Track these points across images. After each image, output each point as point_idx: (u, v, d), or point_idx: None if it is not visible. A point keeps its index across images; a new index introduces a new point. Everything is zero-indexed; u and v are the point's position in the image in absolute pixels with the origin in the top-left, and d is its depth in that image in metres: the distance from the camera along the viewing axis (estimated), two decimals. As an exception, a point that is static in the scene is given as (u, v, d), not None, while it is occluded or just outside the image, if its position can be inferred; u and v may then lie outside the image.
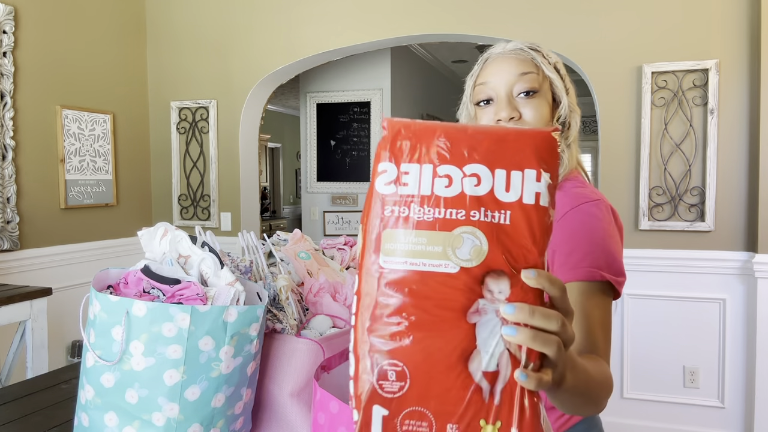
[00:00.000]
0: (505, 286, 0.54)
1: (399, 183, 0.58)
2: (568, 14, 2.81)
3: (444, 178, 0.57)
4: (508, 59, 0.99)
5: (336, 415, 0.97)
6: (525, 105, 0.98)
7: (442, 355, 0.54)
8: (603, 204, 0.93)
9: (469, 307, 0.54)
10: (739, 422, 2.64)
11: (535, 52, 1.00)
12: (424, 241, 0.56)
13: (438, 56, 5.97)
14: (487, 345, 0.54)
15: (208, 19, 3.48)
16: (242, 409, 1.11)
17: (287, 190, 9.73)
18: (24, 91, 2.84)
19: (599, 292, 0.87)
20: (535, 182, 0.56)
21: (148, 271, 1.07)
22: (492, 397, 0.54)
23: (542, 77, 0.98)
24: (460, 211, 0.56)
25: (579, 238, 0.89)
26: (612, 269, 0.87)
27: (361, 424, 0.56)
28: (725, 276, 2.63)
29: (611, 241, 0.90)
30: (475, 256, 0.55)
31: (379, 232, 0.57)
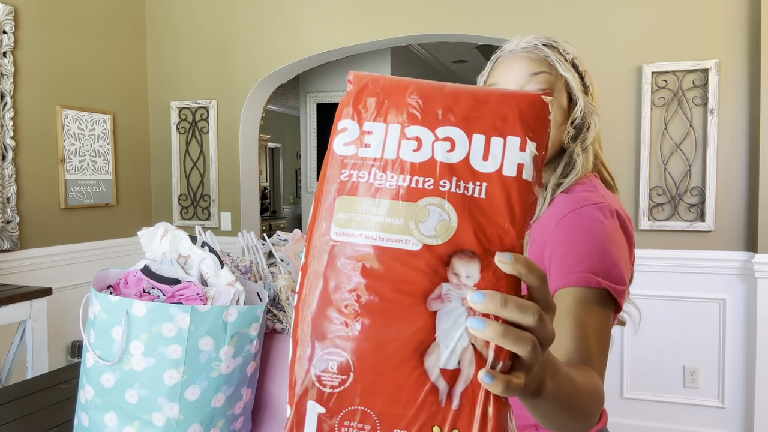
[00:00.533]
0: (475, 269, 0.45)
1: (360, 144, 0.50)
2: (568, 14, 2.81)
3: (412, 141, 0.49)
4: (519, 58, 0.94)
5: None
6: None
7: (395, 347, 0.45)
8: (606, 207, 0.87)
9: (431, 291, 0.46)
10: (739, 422, 2.64)
11: (550, 48, 0.94)
12: (383, 211, 0.47)
13: (438, 56, 5.97)
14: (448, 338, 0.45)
15: (208, 19, 3.47)
16: (242, 409, 1.11)
17: (287, 190, 9.73)
18: (24, 91, 2.84)
19: (596, 301, 0.79)
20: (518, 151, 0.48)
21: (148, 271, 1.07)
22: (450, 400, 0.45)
23: (556, 76, 0.93)
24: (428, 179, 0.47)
25: (576, 241, 0.82)
26: (611, 276, 0.80)
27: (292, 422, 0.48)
28: (725, 276, 2.63)
29: (612, 246, 0.83)
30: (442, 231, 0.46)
31: (334, 198, 0.49)
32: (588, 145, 0.95)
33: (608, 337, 0.79)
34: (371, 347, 0.46)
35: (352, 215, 0.48)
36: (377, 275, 0.46)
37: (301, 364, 0.48)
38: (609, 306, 0.80)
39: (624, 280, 0.82)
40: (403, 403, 0.45)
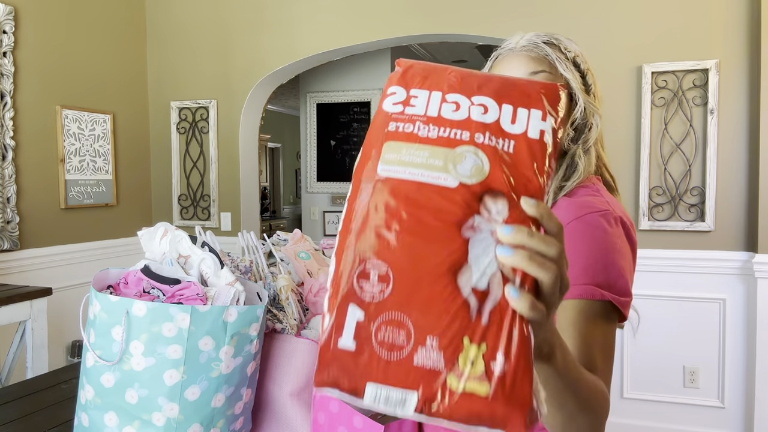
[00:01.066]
0: (504, 207, 0.51)
1: (407, 104, 0.57)
2: (568, 14, 2.81)
3: (452, 104, 0.56)
4: (519, 57, 0.92)
5: (336, 415, 0.97)
6: None
7: (431, 264, 0.50)
8: (611, 215, 0.84)
9: (465, 221, 0.51)
10: (739, 422, 2.64)
11: (551, 46, 0.92)
12: (425, 154, 0.54)
13: (438, 56, 5.97)
14: (479, 262, 0.50)
15: (208, 18, 3.48)
16: (242, 409, 1.11)
17: (287, 190, 9.73)
18: (24, 91, 2.84)
19: (599, 313, 0.78)
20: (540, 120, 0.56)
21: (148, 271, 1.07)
22: (480, 316, 0.49)
23: (556, 76, 0.90)
24: (465, 132, 0.55)
25: (580, 251, 0.80)
26: (615, 288, 0.79)
27: (332, 326, 0.51)
28: (725, 276, 2.63)
29: (616, 256, 0.81)
30: (476, 173, 0.53)
31: (382, 143, 0.55)
32: (590, 147, 0.92)
33: (612, 348, 0.79)
34: (410, 262, 0.50)
35: (397, 156, 0.54)
36: (418, 204, 0.52)
37: (345, 274, 0.52)
38: (612, 317, 0.80)
39: (628, 291, 0.81)
40: (436, 314, 0.49)
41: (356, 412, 0.94)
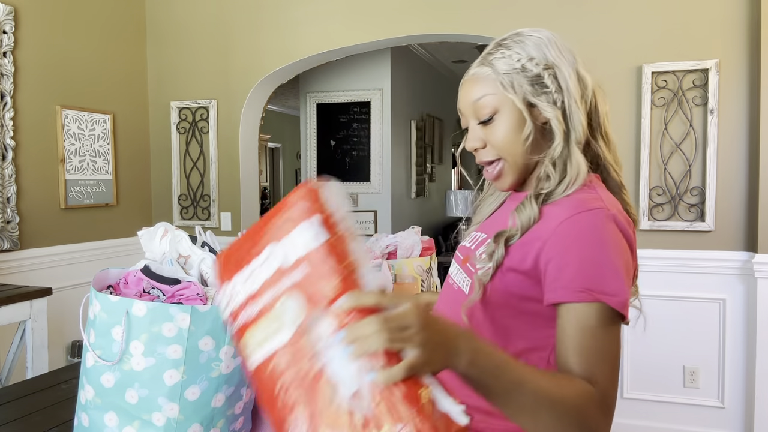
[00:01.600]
0: (330, 322, 0.61)
1: (233, 297, 0.70)
2: (568, 14, 2.81)
3: (250, 276, 0.67)
4: (468, 85, 0.93)
5: None
6: (487, 132, 0.91)
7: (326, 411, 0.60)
8: (604, 213, 0.82)
9: (313, 357, 0.62)
10: (739, 422, 2.64)
11: (491, 66, 0.90)
12: (265, 326, 0.65)
13: (438, 56, 5.97)
14: (342, 375, 0.59)
15: (208, 18, 3.48)
16: (242, 409, 1.11)
17: (287, 190, 9.72)
18: (24, 91, 2.84)
19: (595, 316, 0.77)
20: (309, 229, 0.64)
21: (148, 271, 1.07)
22: (369, 409, 0.58)
23: (501, 94, 0.88)
24: (272, 289, 0.65)
25: (572, 252, 0.79)
26: (609, 289, 0.77)
27: None
28: (725, 276, 2.63)
29: (609, 255, 0.79)
30: (298, 313, 0.62)
31: (239, 339, 0.68)
32: (563, 154, 0.87)
33: (612, 350, 0.78)
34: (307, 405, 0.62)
35: (253, 341, 0.67)
36: (280, 371, 0.64)
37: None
38: (609, 317, 0.78)
39: (623, 290, 0.79)
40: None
41: None
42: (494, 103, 0.89)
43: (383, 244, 1.79)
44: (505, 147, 0.90)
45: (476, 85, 0.91)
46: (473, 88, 0.92)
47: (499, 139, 0.90)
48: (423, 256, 1.78)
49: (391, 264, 1.70)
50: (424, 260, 1.75)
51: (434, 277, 1.82)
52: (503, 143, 0.90)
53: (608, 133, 0.93)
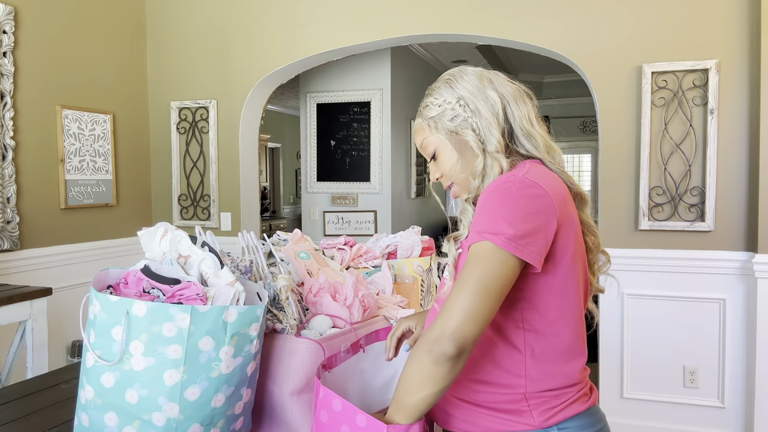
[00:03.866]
0: None
1: None
2: (568, 14, 2.81)
3: None
4: (414, 135, 1.17)
5: (339, 414, 0.97)
6: (435, 166, 1.13)
7: None
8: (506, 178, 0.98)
9: None
10: (739, 422, 2.64)
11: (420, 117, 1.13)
12: None
13: (438, 56, 5.97)
14: None
15: (208, 19, 3.48)
16: (242, 409, 1.11)
17: (287, 190, 9.73)
18: (24, 91, 2.84)
19: (480, 251, 0.92)
20: None
21: (148, 271, 1.07)
22: None
23: (435, 136, 1.10)
24: None
25: (478, 212, 0.97)
26: (494, 229, 0.92)
27: None
28: (725, 276, 2.63)
29: (501, 205, 0.94)
30: None
31: None
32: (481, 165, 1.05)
33: (478, 275, 0.91)
34: None
35: None
36: None
37: None
38: (494, 255, 0.91)
39: (504, 230, 0.91)
40: None
41: (359, 411, 0.94)
42: (432, 143, 1.11)
43: (383, 244, 1.79)
44: (450, 173, 1.10)
45: (417, 133, 1.14)
46: (416, 136, 1.15)
47: (444, 169, 1.11)
48: (423, 256, 1.78)
49: (391, 264, 1.70)
50: (424, 260, 1.75)
51: (434, 277, 1.82)
52: (448, 171, 1.11)
53: (529, 130, 1.07)
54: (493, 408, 0.98)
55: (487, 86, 1.08)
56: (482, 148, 1.05)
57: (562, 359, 0.98)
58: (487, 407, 0.98)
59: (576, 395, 0.99)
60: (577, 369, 1.00)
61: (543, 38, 2.84)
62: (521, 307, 0.98)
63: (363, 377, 1.24)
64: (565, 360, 0.98)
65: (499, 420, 0.97)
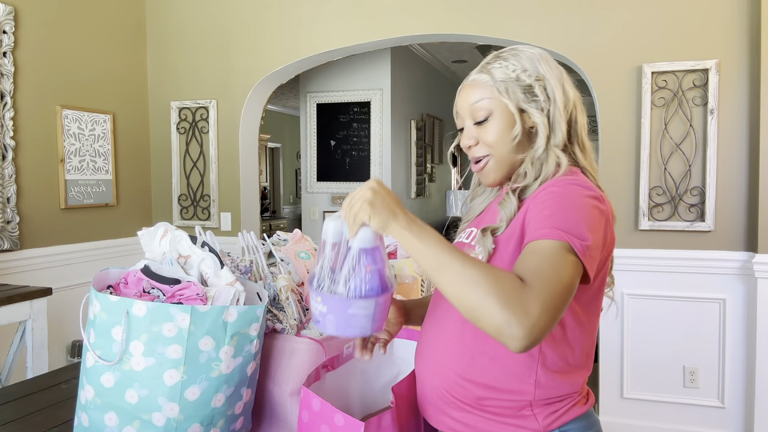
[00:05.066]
0: None
1: None
2: (568, 14, 2.81)
3: None
4: (467, 89, 1.05)
5: (318, 413, 0.98)
6: (480, 131, 1.03)
7: None
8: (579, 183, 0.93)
9: None
10: (739, 422, 2.64)
11: (489, 73, 1.02)
12: None
13: (438, 56, 5.97)
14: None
15: (208, 18, 3.47)
16: (242, 409, 1.11)
17: (287, 190, 9.73)
18: (24, 91, 2.84)
19: (557, 249, 0.83)
20: None
21: (148, 271, 1.06)
22: None
23: (496, 99, 1.00)
24: None
25: (547, 205, 0.90)
26: (574, 231, 0.85)
27: None
28: (725, 276, 2.63)
29: (579, 209, 0.88)
30: None
31: None
32: (543, 155, 0.99)
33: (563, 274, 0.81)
34: None
35: None
36: None
37: None
38: (570, 257, 0.84)
39: (586, 237, 0.85)
40: None
41: (337, 411, 0.95)
42: (489, 106, 1.01)
43: (383, 244, 1.79)
44: (495, 144, 1.02)
45: (474, 89, 1.03)
46: (472, 92, 1.03)
47: (490, 137, 1.02)
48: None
49: (392, 264, 1.70)
50: (424, 260, 1.75)
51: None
52: (494, 141, 1.02)
53: (584, 141, 1.04)
54: (496, 413, 0.96)
55: (566, 82, 1.03)
56: (547, 138, 0.99)
57: (572, 370, 0.96)
58: (490, 411, 0.96)
59: (577, 398, 0.99)
60: (583, 380, 0.99)
61: (543, 38, 2.84)
62: None
63: (364, 378, 1.24)
64: (573, 371, 0.97)
65: (501, 425, 0.95)
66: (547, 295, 0.78)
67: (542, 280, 0.79)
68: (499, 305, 0.76)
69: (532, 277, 0.80)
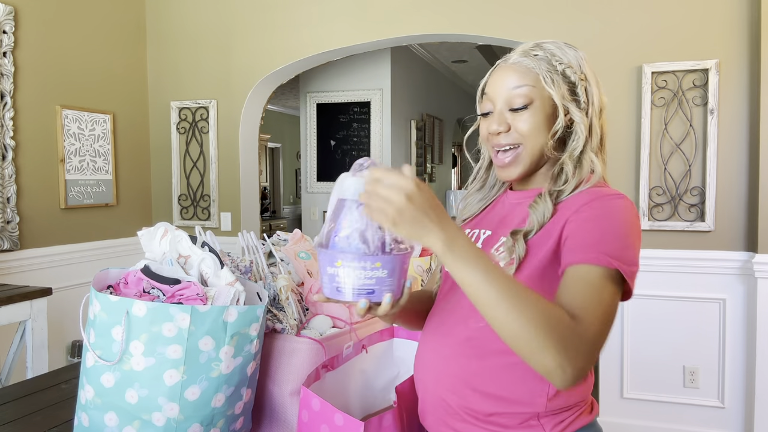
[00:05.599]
0: None
1: None
2: (568, 14, 2.81)
3: None
4: (507, 71, 0.97)
5: (317, 413, 0.98)
6: (516, 118, 0.95)
7: None
8: (625, 199, 0.90)
9: None
10: (739, 422, 2.64)
11: (540, 60, 0.96)
12: None
13: (438, 56, 5.97)
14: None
15: (208, 18, 3.48)
16: (242, 409, 1.11)
17: (287, 190, 9.73)
18: (24, 91, 2.84)
19: (606, 277, 0.82)
20: None
21: (148, 271, 1.07)
22: None
23: (540, 89, 0.94)
24: None
25: (593, 223, 0.86)
26: (623, 258, 0.83)
27: None
28: (725, 276, 2.63)
29: (628, 231, 0.86)
30: None
31: None
32: (579, 157, 0.95)
33: (610, 308, 0.82)
34: None
35: None
36: None
37: None
38: (618, 284, 0.84)
39: (635, 263, 0.85)
40: None
41: (337, 410, 0.95)
42: (531, 95, 0.94)
43: (383, 244, 1.78)
44: (530, 135, 0.95)
45: (517, 74, 0.96)
46: (513, 75, 0.96)
47: (527, 127, 0.95)
48: (423, 256, 1.78)
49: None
50: (424, 260, 1.75)
51: (434, 277, 1.82)
52: (529, 132, 0.94)
53: (606, 151, 1.01)
54: (502, 424, 0.92)
55: (602, 88, 1.00)
56: (585, 140, 0.95)
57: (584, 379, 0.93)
58: (496, 423, 0.92)
59: (583, 407, 0.96)
60: (590, 389, 0.98)
61: (543, 38, 2.83)
62: None
63: (364, 378, 1.24)
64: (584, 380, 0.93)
65: None
66: (598, 336, 0.79)
67: (593, 320, 0.78)
68: (554, 349, 0.74)
69: (584, 314, 0.78)
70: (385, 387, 1.29)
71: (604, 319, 0.80)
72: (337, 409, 0.95)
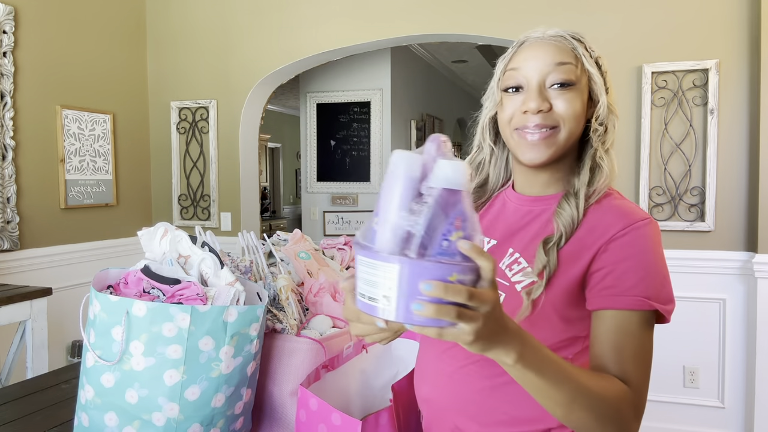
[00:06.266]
0: None
1: None
2: (568, 14, 2.81)
3: None
4: (546, 45, 0.88)
5: (315, 413, 0.98)
6: (557, 97, 0.86)
7: None
8: (655, 225, 0.85)
9: None
10: (739, 422, 2.64)
11: (578, 42, 0.90)
12: None
13: (438, 56, 5.97)
14: None
15: (208, 19, 3.48)
16: (242, 409, 1.11)
17: (287, 190, 9.73)
18: (24, 91, 2.84)
19: (645, 321, 0.82)
20: None
21: (148, 271, 1.07)
22: None
23: (581, 70, 0.88)
24: None
25: (632, 261, 0.81)
26: (661, 297, 0.83)
27: None
28: (725, 276, 2.63)
29: (661, 264, 0.85)
30: None
31: None
32: (608, 147, 0.89)
33: (649, 354, 0.82)
34: None
35: None
36: None
37: None
38: (651, 322, 0.84)
39: (671, 298, 0.85)
40: None
41: (334, 410, 0.95)
42: (576, 75, 0.88)
43: (383, 244, 1.78)
44: (569, 119, 0.87)
45: (559, 50, 0.88)
46: (554, 50, 0.88)
47: (570, 109, 0.86)
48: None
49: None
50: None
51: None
52: (570, 115, 0.87)
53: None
54: None
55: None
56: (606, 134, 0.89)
57: None
58: None
59: None
60: None
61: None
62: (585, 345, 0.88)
63: (364, 377, 1.24)
64: None
65: None
66: (646, 391, 0.80)
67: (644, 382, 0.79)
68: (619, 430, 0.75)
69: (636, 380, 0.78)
70: (385, 386, 1.29)
71: (649, 372, 0.81)
72: (334, 408, 0.95)
